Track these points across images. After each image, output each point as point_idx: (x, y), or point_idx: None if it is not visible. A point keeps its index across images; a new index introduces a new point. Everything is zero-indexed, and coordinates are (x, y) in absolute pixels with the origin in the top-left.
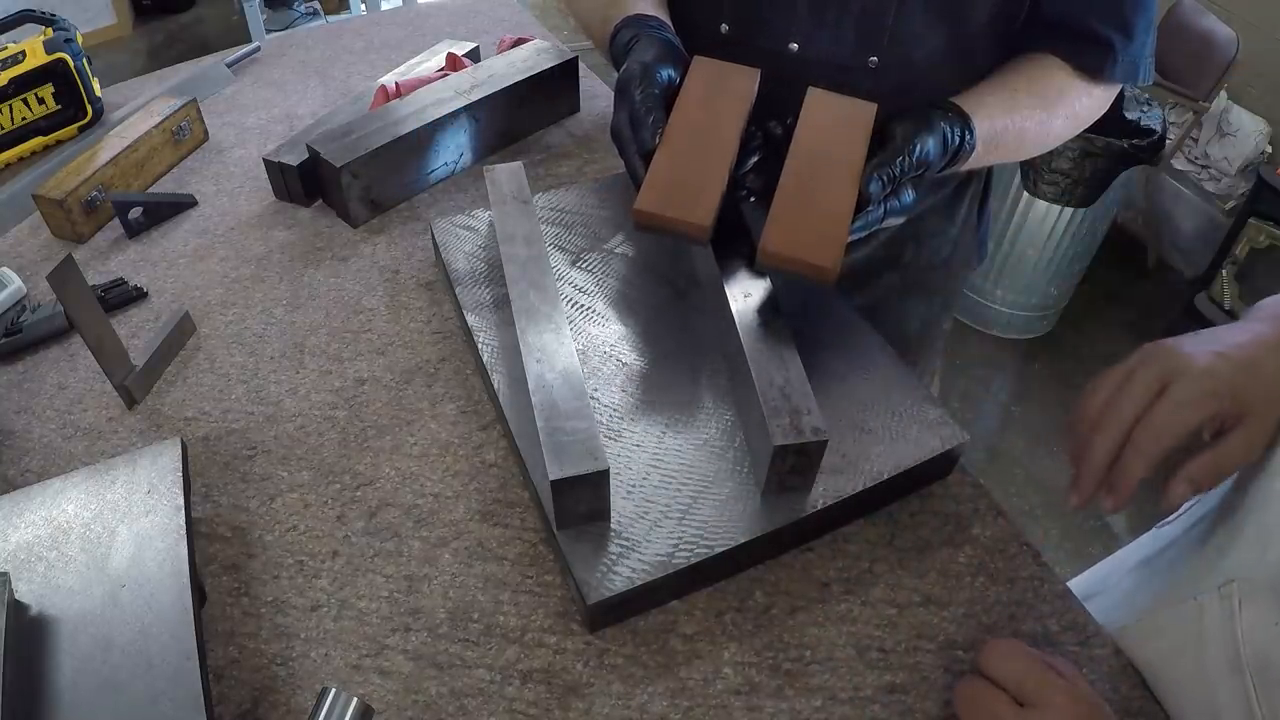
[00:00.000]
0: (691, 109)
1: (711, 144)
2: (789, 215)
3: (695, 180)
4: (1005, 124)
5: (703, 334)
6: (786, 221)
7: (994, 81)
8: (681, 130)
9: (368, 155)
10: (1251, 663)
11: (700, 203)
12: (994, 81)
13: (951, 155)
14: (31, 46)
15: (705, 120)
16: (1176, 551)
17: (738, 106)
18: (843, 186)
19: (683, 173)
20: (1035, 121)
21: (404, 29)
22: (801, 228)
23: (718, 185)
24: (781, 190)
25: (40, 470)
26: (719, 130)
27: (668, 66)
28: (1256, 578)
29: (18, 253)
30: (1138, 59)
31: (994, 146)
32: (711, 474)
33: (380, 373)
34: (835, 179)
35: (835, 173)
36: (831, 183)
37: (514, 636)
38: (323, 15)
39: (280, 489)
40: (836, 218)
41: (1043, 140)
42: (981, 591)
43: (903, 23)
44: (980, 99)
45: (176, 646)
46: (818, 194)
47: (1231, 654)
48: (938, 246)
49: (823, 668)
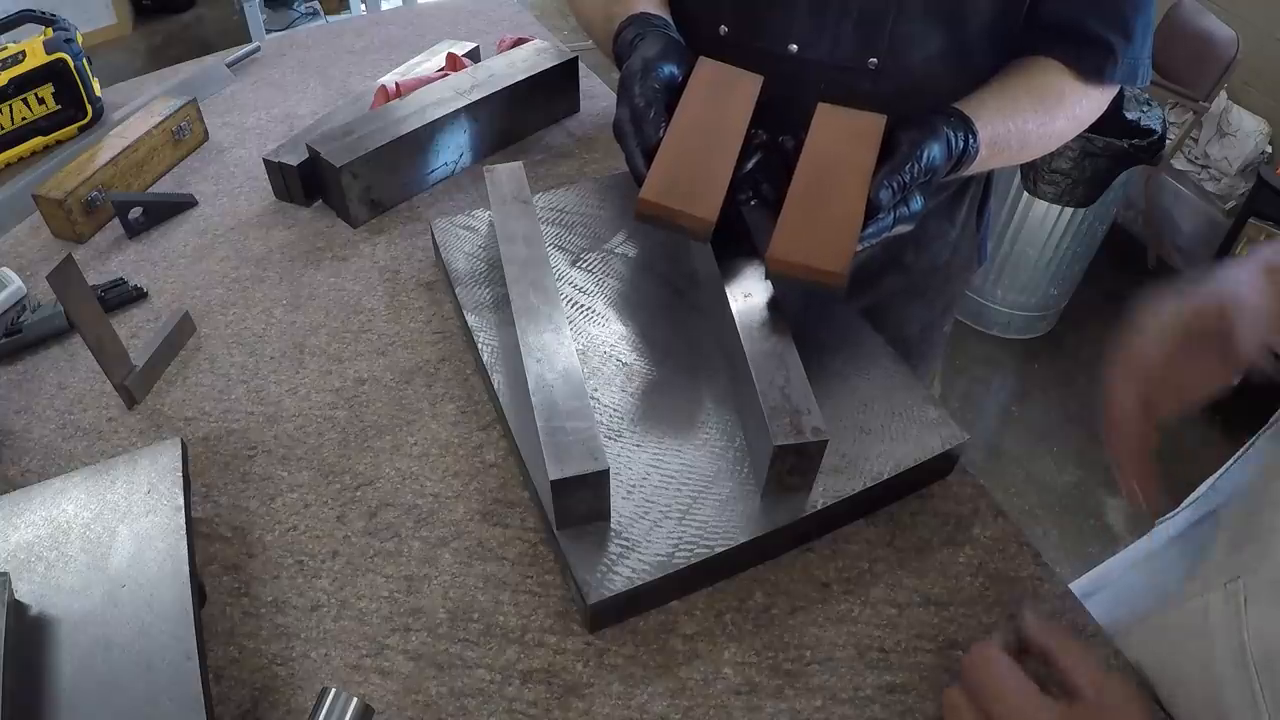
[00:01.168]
0: (696, 107)
1: (716, 142)
2: (797, 222)
3: (700, 175)
4: (1007, 127)
5: (703, 334)
6: (794, 229)
7: (994, 86)
8: (686, 127)
9: (368, 155)
10: (1257, 659)
11: (705, 197)
12: (994, 86)
13: (956, 160)
14: (31, 46)
15: (709, 118)
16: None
17: (741, 107)
18: (852, 194)
19: (687, 168)
20: (1036, 124)
21: (404, 29)
22: (809, 234)
23: (722, 181)
24: (790, 199)
25: (40, 470)
26: (723, 129)
27: (671, 63)
28: (1264, 575)
29: (18, 253)
30: (1137, 61)
31: (997, 150)
32: (711, 474)
33: (380, 373)
34: (844, 187)
35: (844, 181)
36: (841, 191)
37: (514, 636)
38: (323, 15)
39: (280, 489)
40: (846, 224)
41: (1044, 143)
42: (981, 591)
43: (902, 24)
44: (982, 103)
45: (176, 646)
46: (827, 202)
47: (1237, 650)
48: (937, 250)
49: (823, 668)
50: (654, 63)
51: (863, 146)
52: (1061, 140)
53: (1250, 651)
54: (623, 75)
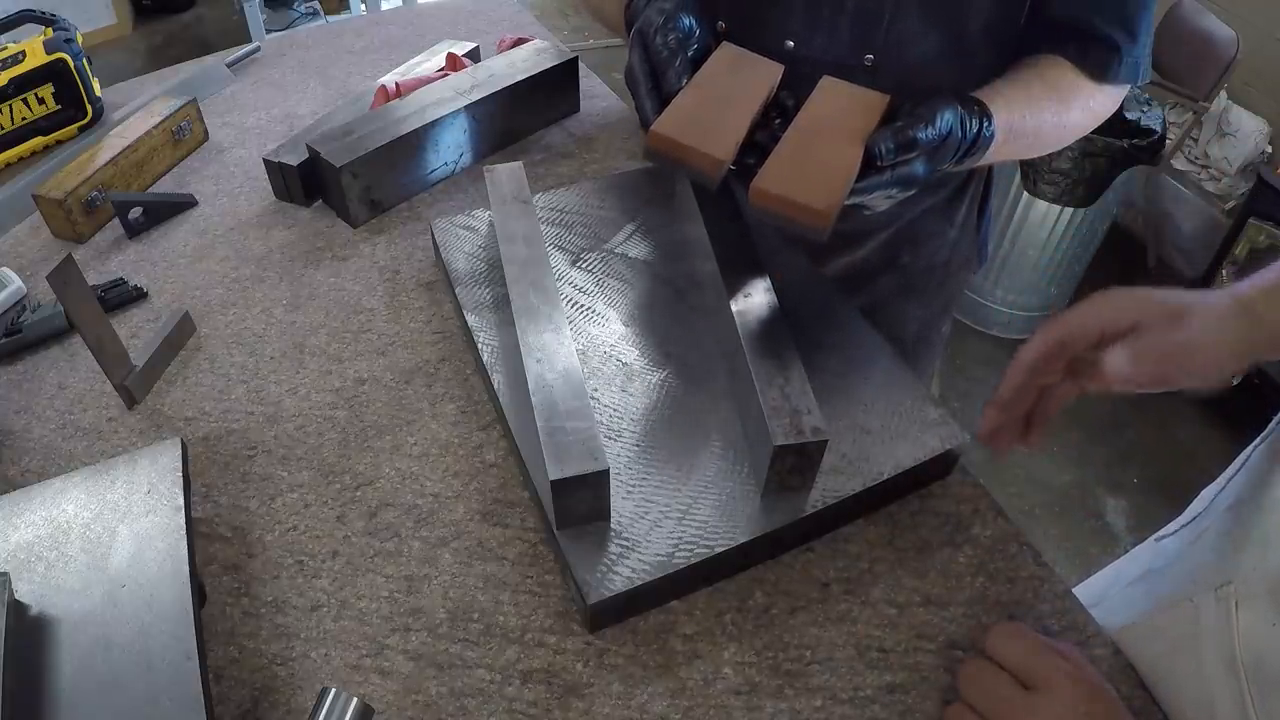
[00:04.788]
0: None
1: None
2: (787, 160)
3: (716, 120)
4: (1023, 114)
5: (703, 334)
6: (784, 165)
7: (1007, 78)
8: (706, 83)
9: (368, 155)
10: (1247, 664)
11: (720, 138)
12: (1007, 78)
13: (970, 143)
14: (31, 46)
15: (729, 86)
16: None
17: (763, 82)
18: (848, 144)
19: (704, 111)
20: (1052, 113)
21: (404, 29)
22: (798, 173)
23: (738, 129)
24: (784, 140)
25: (40, 470)
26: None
27: (689, 16)
28: (1254, 581)
29: (18, 253)
30: (1139, 59)
31: (1013, 137)
32: (711, 474)
33: (380, 373)
34: (841, 136)
35: (842, 133)
36: (837, 141)
37: (514, 636)
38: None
39: (280, 489)
40: (837, 169)
41: (1059, 134)
42: (981, 591)
43: (898, 22)
44: (997, 92)
45: (176, 646)
46: (820, 148)
47: (1228, 655)
48: (936, 249)
49: (823, 668)
50: (672, 14)
51: (864, 112)
52: (1076, 134)
53: (1240, 658)
54: (639, 26)
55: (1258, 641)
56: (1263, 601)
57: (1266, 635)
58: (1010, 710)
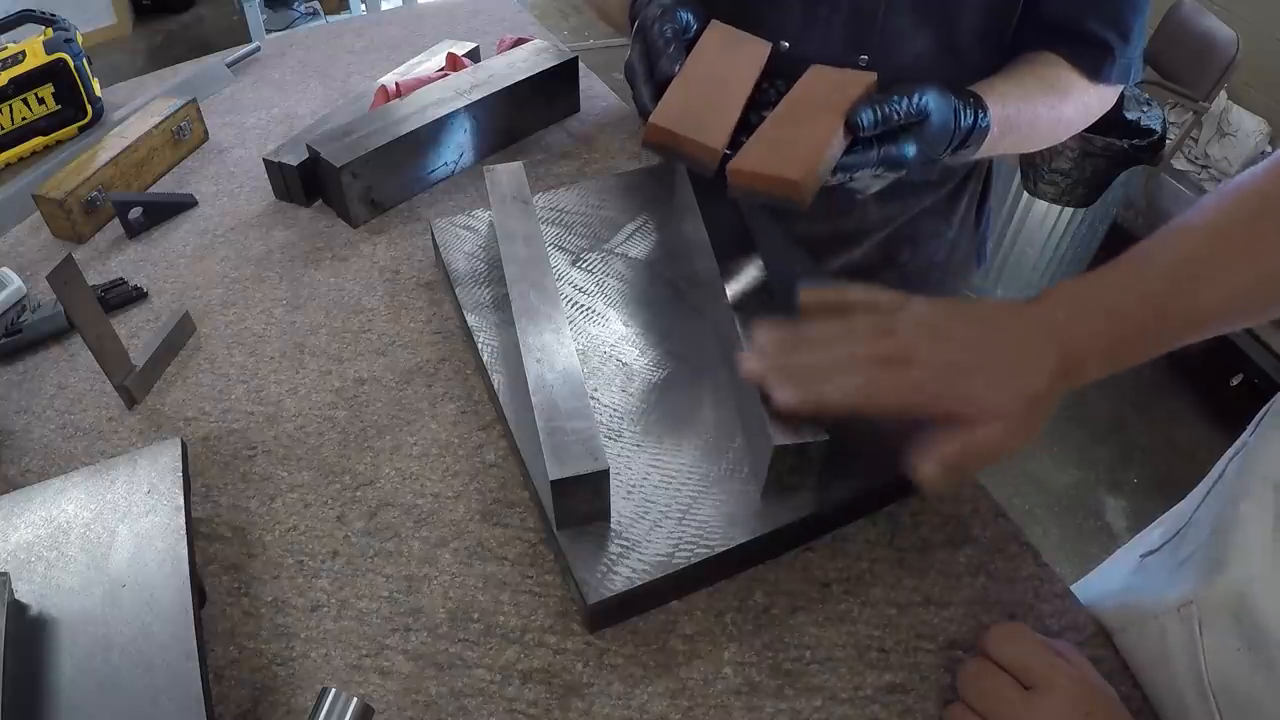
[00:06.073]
0: (709, 54)
1: (727, 85)
2: (766, 141)
3: (711, 109)
4: (1018, 107)
5: (703, 334)
6: (762, 145)
7: (1003, 73)
8: (698, 69)
9: (368, 155)
10: (1216, 687)
11: (715, 128)
12: (1003, 73)
13: (966, 134)
14: (31, 46)
15: (721, 66)
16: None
17: (752, 61)
18: (827, 116)
19: (699, 100)
20: (1047, 107)
21: (404, 29)
22: (774, 149)
23: (732, 116)
24: (765, 122)
25: (40, 470)
26: (734, 77)
27: (687, 11)
28: (1214, 600)
29: (18, 253)
30: (1131, 60)
31: (1008, 130)
32: (711, 474)
33: (380, 373)
34: (821, 112)
35: (823, 108)
36: (816, 115)
37: (514, 636)
38: (323, 15)
39: (280, 489)
40: (815, 142)
41: (1054, 129)
42: (981, 591)
43: (891, 21)
44: (991, 85)
45: (176, 646)
46: (801, 124)
47: (1195, 678)
48: (934, 248)
49: (823, 668)
50: (672, 9)
51: (846, 90)
52: (1071, 130)
53: (1207, 679)
54: (640, 20)
55: (1225, 667)
56: (1225, 623)
57: (1234, 661)
58: (1010, 710)
